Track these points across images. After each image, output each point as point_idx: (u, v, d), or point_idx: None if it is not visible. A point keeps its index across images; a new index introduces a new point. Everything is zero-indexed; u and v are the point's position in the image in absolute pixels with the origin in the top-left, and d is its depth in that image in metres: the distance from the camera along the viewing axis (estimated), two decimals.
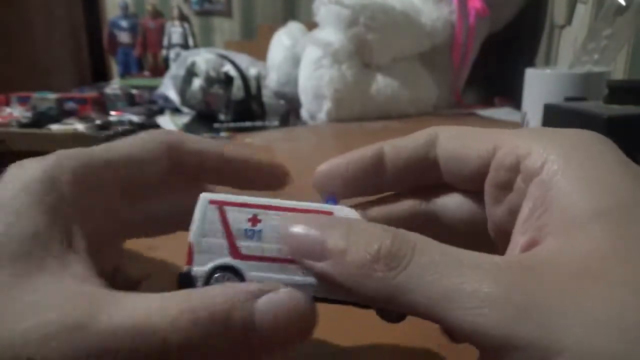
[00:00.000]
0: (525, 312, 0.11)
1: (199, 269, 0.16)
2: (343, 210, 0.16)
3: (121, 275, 0.20)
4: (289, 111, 1.31)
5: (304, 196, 0.17)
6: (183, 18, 2.78)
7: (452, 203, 0.18)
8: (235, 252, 0.16)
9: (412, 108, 1.04)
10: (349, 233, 0.14)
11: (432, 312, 0.13)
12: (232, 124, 1.30)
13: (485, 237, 0.17)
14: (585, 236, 0.13)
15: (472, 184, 0.17)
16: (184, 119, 1.42)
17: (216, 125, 1.30)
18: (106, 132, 1.50)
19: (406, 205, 0.19)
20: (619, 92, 0.46)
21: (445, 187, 0.19)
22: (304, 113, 1.06)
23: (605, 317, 0.11)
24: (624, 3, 0.60)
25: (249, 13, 2.75)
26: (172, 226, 0.21)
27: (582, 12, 0.89)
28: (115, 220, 0.19)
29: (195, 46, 2.72)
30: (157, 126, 1.39)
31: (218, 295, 0.14)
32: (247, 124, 1.30)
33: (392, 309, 0.14)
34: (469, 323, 0.12)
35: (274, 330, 0.14)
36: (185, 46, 2.71)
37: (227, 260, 0.16)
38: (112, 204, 0.18)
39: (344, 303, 0.15)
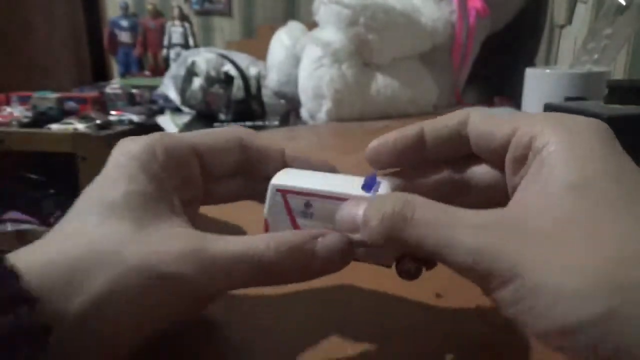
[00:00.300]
0: (496, 254, 0.16)
1: None
2: (378, 185, 0.22)
3: None
4: (289, 111, 1.31)
5: None
6: (183, 18, 2.78)
7: (479, 172, 0.22)
8: (296, 227, 0.22)
9: (412, 108, 1.04)
10: (369, 209, 0.19)
11: (434, 256, 0.18)
12: (232, 124, 1.30)
13: (506, 200, 0.20)
14: (557, 204, 0.16)
15: (497, 157, 0.21)
16: (184, 119, 1.42)
17: (216, 124, 1.30)
18: (106, 132, 1.50)
19: (443, 174, 0.23)
20: (619, 92, 0.46)
21: (474, 160, 0.22)
22: (304, 113, 1.06)
23: (551, 264, 0.15)
24: (624, 3, 0.60)
25: (249, 13, 2.75)
26: (236, 198, 0.26)
27: (582, 12, 0.89)
28: (195, 192, 0.24)
29: (196, 46, 2.72)
30: (157, 126, 1.39)
31: (292, 235, 0.20)
32: (247, 123, 1.30)
33: (408, 257, 0.20)
34: (459, 262, 0.17)
35: (327, 258, 0.20)
36: (185, 46, 2.71)
37: None
38: (194, 178, 0.24)
39: (373, 263, 0.21)
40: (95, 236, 0.19)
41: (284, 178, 0.22)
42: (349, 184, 0.22)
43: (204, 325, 0.24)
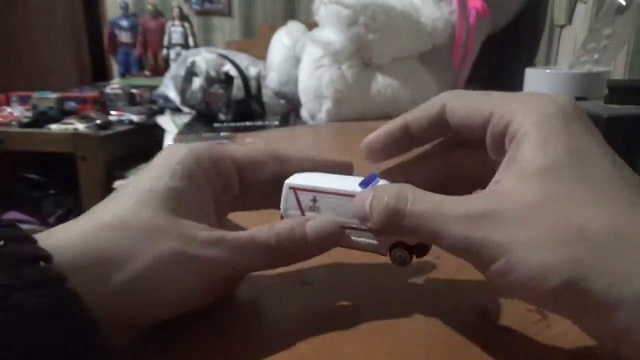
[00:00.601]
0: (483, 239, 0.19)
1: None
2: (376, 182, 0.25)
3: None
4: (289, 111, 1.31)
5: None
6: (183, 18, 2.78)
7: (468, 159, 0.25)
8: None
9: (412, 108, 1.02)
10: (372, 202, 0.22)
11: (430, 242, 0.22)
12: (232, 124, 1.30)
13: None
14: (529, 189, 0.19)
15: (479, 140, 0.23)
16: (184, 119, 1.42)
17: (216, 125, 1.30)
18: (106, 132, 1.50)
19: (436, 165, 0.26)
20: (619, 92, 0.46)
21: (463, 148, 0.25)
22: (304, 113, 1.06)
23: (529, 242, 0.18)
24: (624, 3, 0.60)
25: (249, 13, 2.75)
26: (264, 206, 0.29)
27: (582, 12, 0.89)
28: (230, 198, 0.27)
29: (196, 46, 2.72)
30: (158, 126, 1.39)
31: (286, 222, 0.24)
32: (247, 123, 1.30)
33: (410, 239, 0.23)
34: (451, 248, 0.20)
35: (317, 238, 0.24)
36: (185, 46, 2.71)
37: None
38: (232, 187, 0.27)
39: (369, 251, 0.24)
40: (135, 221, 0.22)
41: (296, 178, 0.26)
42: (349, 183, 0.25)
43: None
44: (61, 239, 0.20)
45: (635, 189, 0.19)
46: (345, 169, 0.29)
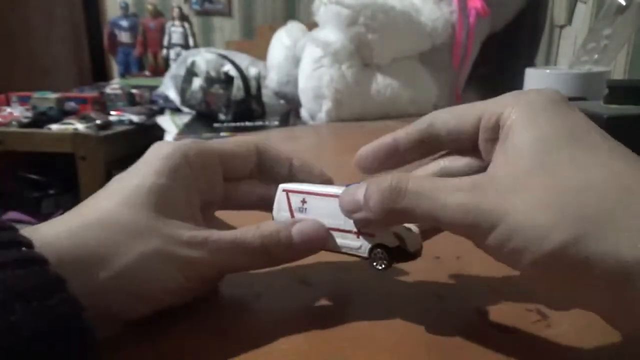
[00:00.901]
0: (479, 207, 0.19)
1: None
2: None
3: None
4: (289, 111, 1.31)
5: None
6: (183, 18, 2.78)
7: (458, 164, 0.25)
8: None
9: (412, 108, 1.04)
10: (369, 188, 0.22)
11: (428, 219, 0.21)
12: (232, 124, 1.30)
13: None
14: (522, 159, 0.19)
15: (470, 146, 0.24)
16: (184, 119, 1.42)
17: (216, 125, 1.30)
18: (106, 132, 1.50)
19: (431, 169, 0.26)
20: (619, 92, 0.46)
21: (453, 155, 0.26)
22: (304, 113, 1.06)
23: (523, 205, 0.18)
24: (624, 3, 0.60)
25: (249, 13, 2.75)
26: (250, 207, 0.29)
27: (582, 12, 0.89)
28: (216, 194, 0.27)
29: (196, 46, 2.72)
30: (158, 126, 1.39)
31: (274, 225, 0.25)
32: (247, 123, 1.30)
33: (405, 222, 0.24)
34: (449, 219, 0.20)
35: (302, 241, 0.24)
36: (185, 46, 2.71)
37: None
38: (217, 183, 0.27)
39: (350, 254, 0.25)
40: (120, 219, 0.22)
41: (291, 184, 0.27)
42: (337, 188, 0.25)
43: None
44: (47, 234, 0.20)
45: (628, 152, 0.19)
46: (324, 180, 0.29)
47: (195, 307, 0.26)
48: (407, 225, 0.24)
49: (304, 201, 0.26)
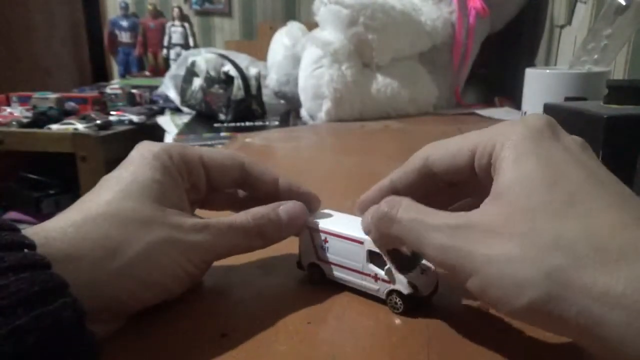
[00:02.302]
0: (459, 252, 0.20)
1: (303, 263, 0.29)
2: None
3: None
4: (289, 111, 1.31)
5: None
6: (183, 18, 2.78)
7: (455, 198, 0.27)
8: (317, 256, 0.28)
9: (412, 108, 1.04)
10: (365, 215, 0.25)
11: (415, 249, 0.22)
12: (232, 124, 1.30)
13: None
14: (501, 200, 0.20)
15: (468, 177, 0.24)
16: (184, 119, 1.42)
17: (216, 125, 1.30)
18: (106, 132, 1.50)
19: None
20: (619, 92, 0.46)
21: (449, 190, 0.26)
22: (303, 113, 1.06)
23: (498, 257, 0.18)
24: (624, 3, 0.60)
25: (249, 13, 2.75)
26: (227, 208, 0.32)
27: (582, 12, 0.89)
28: (198, 196, 0.29)
29: (196, 46, 2.72)
30: (158, 126, 1.39)
31: (263, 208, 0.27)
32: (247, 123, 1.30)
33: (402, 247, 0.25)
34: (432, 257, 0.22)
35: (289, 218, 0.27)
36: (185, 46, 2.71)
37: (314, 260, 0.29)
38: (200, 185, 0.28)
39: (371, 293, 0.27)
40: (123, 211, 0.23)
41: (314, 219, 0.29)
42: (355, 226, 0.27)
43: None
44: (52, 229, 0.21)
45: (611, 191, 0.19)
46: (309, 200, 0.30)
47: (195, 307, 0.26)
48: (426, 262, 0.26)
49: (326, 240, 0.28)
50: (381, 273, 0.26)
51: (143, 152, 0.26)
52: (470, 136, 0.23)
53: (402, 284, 0.25)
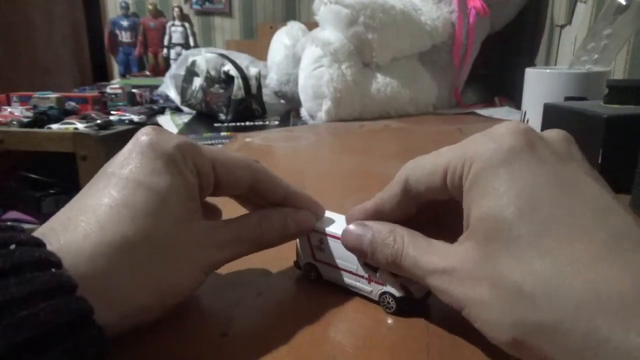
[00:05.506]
0: (448, 293, 0.21)
1: (300, 263, 0.30)
2: None
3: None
4: (289, 111, 1.31)
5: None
6: (184, 17, 2.78)
7: (441, 214, 0.26)
8: (313, 257, 0.29)
9: (411, 107, 1.04)
10: (374, 242, 0.25)
11: (418, 279, 0.23)
12: (232, 124, 1.30)
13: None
14: (470, 242, 0.20)
15: (448, 195, 0.23)
16: (185, 119, 1.42)
17: (216, 124, 1.30)
18: (107, 132, 1.50)
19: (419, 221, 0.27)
20: (619, 92, 0.46)
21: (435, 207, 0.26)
22: (303, 112, 1.06)
23: (475, 300, 0.20)
24: (624, 2, 0.60)
25: (250, 13, 2.75)
26: (229, 197, 0.30)
27: (582, 12, 0.89)
28: (204, 193, 0.27)
29: (196, 46, 2.72)
30: (158, 126, 1.40)
31: (276, 222, 0.27)
32: (247, 123, 1.30)
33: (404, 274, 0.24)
34: (432, 290, 0.22)
35: (296, 230, 0.28)
36: (185, 46, 2.71)
37: (310, 260, 0.29)
38: (208, 186, 0.26)
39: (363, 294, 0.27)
40: (147, 233, 0.22)
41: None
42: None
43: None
44: (79, 252, 0.20)
45: (588, 208, 0.18)
46: (314, 208, 0.29)
47: (195, 307, 0.26)
48: None
49: (322, 241, 0.28)
50: (374, 275, 0.26)
51: (153, 146, 0.23)
52: (443, 154, 0.23)
53: (394, 286, 0.25)
